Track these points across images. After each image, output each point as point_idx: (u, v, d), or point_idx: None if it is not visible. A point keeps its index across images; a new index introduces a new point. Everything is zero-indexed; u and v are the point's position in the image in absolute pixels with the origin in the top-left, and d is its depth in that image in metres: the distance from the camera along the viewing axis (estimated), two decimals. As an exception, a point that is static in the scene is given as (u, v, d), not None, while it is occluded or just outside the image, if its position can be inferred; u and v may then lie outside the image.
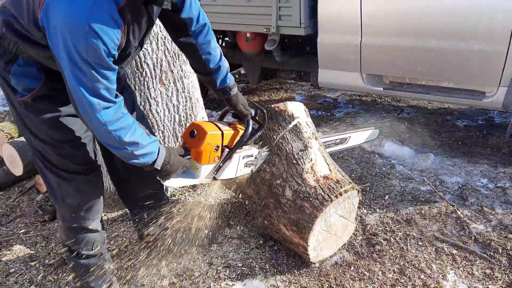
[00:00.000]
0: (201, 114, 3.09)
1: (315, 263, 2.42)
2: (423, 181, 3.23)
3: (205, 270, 2.38)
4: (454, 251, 2.51)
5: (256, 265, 2.42)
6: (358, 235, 2.67)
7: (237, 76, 5.39)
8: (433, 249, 2.53)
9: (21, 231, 2.95)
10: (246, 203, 2.61)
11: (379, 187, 3.20)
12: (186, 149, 1.94)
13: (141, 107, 2.77)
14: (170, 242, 2.31)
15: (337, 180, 2.32)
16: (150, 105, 2.79)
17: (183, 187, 1.99)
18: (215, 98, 5.80)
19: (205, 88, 5.16)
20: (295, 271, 2.39)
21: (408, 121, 4.55)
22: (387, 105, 5.19)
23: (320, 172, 2.35)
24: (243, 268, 2.39)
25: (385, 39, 3.73)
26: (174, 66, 2.84)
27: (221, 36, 5.13)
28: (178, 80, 2.87)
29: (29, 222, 3.05)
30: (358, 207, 2.91)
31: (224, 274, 2.35)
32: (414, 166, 3.51)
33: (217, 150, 1.96)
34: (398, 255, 2.49)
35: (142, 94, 2.75)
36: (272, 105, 2.52)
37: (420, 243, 2.59)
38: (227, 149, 2.01)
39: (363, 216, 2.84)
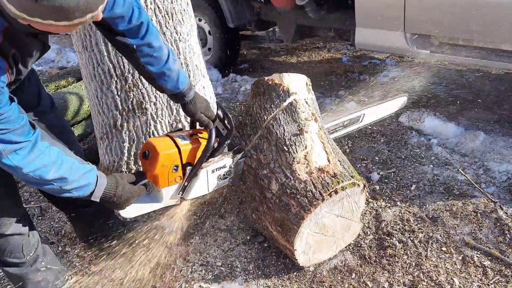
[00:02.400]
0: (201, 83, 2.72)
1: (309, 267, 2.07)
2: (463, 169, 2.67)
3: (179, 267, 2.10)
4: (487, 263, 2.04)
5: (238, 265, 2.10)
6: (369, 233, 2.25)
7: (271, 34, 4.91)
8: (460, 258, 2.07)
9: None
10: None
11: (407, 174, 2.68)
12: (142, 173, 1.72)
13: (129, 75, 2.47)
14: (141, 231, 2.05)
15: (334, 173, 1.90)
16: (138, 75, 2.48)
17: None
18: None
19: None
20: (284, 274, 2.05)
21: (463, 89, 3.88)
22: (442, 68, 4.48)
23: (316, 162, 1.93)
24: (222, 268, 2.08)
25: (434, -9, 3.09)
26: (167, 28, 2.46)
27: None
28: (172, 44, 2.50)
29: (33, 191, 2.95)
30: (375, 198, 2.48)
31: (199, 274, 2.05)
32: (457, 148, 2.93)
33: (176, 170, 1.72)
34: (413, 263, 2.06)
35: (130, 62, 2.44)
36: (266, 78, 2.11)
37: (444, 248, 2.13)
38: (190, 167, 1.76)
39: (380, 210, 2.39)
